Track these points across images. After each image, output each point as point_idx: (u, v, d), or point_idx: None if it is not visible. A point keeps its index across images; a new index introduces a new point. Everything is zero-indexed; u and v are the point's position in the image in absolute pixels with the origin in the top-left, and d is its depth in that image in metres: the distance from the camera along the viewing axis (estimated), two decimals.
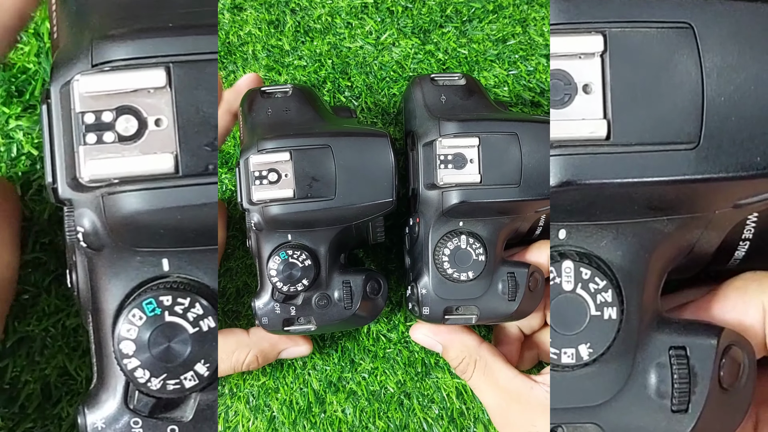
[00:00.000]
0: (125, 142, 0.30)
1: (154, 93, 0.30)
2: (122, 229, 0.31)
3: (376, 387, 0.49)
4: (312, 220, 0.39)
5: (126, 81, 0.30)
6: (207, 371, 0.32)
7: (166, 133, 0.30)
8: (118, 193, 0.30)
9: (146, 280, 0.33)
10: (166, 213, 0.30)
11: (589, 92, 0.30)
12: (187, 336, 0.31)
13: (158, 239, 0.31)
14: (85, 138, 0.30)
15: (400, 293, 0.49)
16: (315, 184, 0.38)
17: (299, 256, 0.39)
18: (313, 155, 0.38)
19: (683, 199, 0.31)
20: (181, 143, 0.30)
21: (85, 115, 0.30)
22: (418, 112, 0.42)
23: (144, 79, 0.30)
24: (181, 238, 0.31)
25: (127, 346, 0.31)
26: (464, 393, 0.49)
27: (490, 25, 0.51)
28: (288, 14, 0.52)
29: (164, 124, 0.30)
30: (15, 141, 0.49)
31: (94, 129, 0.30)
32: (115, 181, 0.30)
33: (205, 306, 0.32)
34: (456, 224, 0.41)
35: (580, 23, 0.30)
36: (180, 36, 0.30)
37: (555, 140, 0.30)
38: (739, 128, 0.30)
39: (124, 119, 0.30)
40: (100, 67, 0.30)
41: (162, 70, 0.30)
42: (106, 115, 0.30)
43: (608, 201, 0.31)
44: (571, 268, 0.32)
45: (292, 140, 0.38)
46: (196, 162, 0.30)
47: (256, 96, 0.42)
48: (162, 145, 0.30)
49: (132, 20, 0.31)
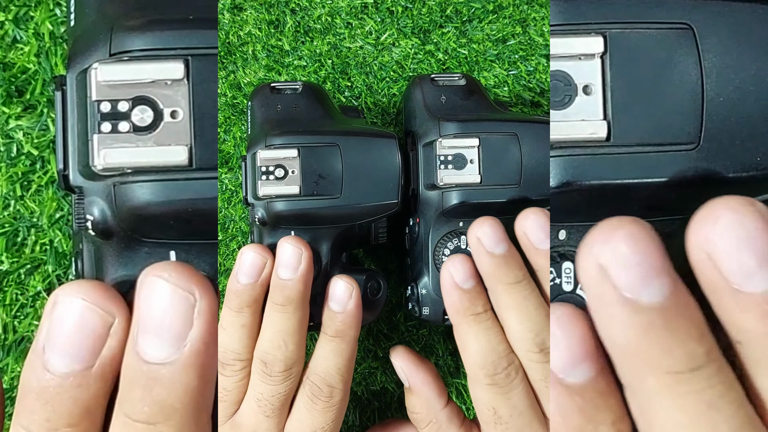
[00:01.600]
0: (140, 133, 0.30)
1: (172, 85, 0.30)
2: (132, 219, 0.31)
3: (376, 387, 0.49)
4: (316, 218, 0.39)
5: (144, 72, 0.30)
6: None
7: (181, 126, 0.30)
8: (130, 183, 0.30)
9: None
10: (178, 205, 0.30)
11: (589, 93, 0.30)
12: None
13: (167, 231, 0.31)
14: (100, 126, 0.30)
15: (400, 293, 0.49)
16: (321, 181, 0.38)
17: None
18: (320, 153, 0.38)
19: (683, 200, 0.31)
20: (196, 136, 0.30)
21: (101, 103, 0.30)
22: (418, 112, 0.42)
23: (162, 71, 0.30)
24: (190, 230, 0.31)
25: None
26: (464, 393, 0.49)
27: (490, 25, 0.51)
28: (288, 14, 0.52)
29: (180, 116, 0.30)
30: (15, 141, 0.49)
31: (109, 118, 0.30)
32: (128, 170, 0.30)
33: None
34: (456, 224, 0.41)
35: (580, 24, 0.30)
36: (200, 29, 0.30)
37: (555, 141, 0.30)
38: (740, 128, 0.30)
39: (140, 110, 0.30)
40: (119, 57, 0.30)
41: (180, 62, 0.30)
42: (122, 105, 0.30)
43: (608, 202, 0.31)
44: (570, 269, 0.32)
45: (300, 137, 0.38)
46: (211, 155, 0.30)
47: (265, 91, 0.42)
48: (177, 137, 0.30)
49: (152, 11, 0.31)
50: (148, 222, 0.31)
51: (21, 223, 0.48)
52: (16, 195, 0.48)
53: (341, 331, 0.38)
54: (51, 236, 0.48)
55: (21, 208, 0.48)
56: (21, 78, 0.50)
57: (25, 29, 0.50)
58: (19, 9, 0.51)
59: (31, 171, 0.49)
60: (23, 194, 0.49)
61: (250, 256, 0.37)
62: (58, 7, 0.50)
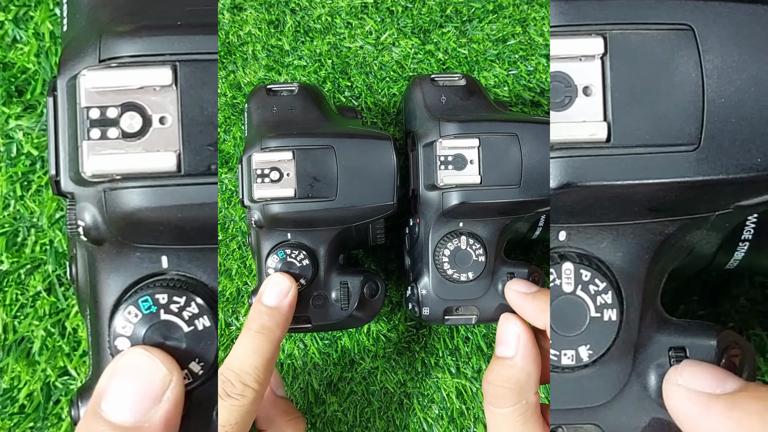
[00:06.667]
0: (129, 139, 0.30)
1: (160, 91, 0.30)
2: (122, 225, 0.31)
3: (376, 387, 0.49)
4: (312, 220, 0.39)
5: (132, 78, 0.30)
6: (201, 370, 0.32)
7: (170, 132, 0.30)
8: (120, 189, 0.30)
9: (145, 276, 0.33)
10: (167, 211, 0.30)
11: (589, 94, 0.30)
12: (182, 334, 0.32)
13: (158, 236, 0.31)
14: (89, 133, 0.30)
15: (400, 293, 0.49)
16: (316, 184, 0.38)
17: (297, 256, 0.39)
18: (315, 155, 0.38)
19: (683, 201, 0.31)
20: (185, 142, 0.30)
21: (90, 110, 0.30)
22: (418, 113, 0.42)
23: (150, 77, 0.30)
24: (181, 235, 0.31)
25: (123, 342, 0.31)
26: (464, 393, 0.49)
27: (490, 25, 0.51)
28: (288, 14, 0.52)
29: (168, 122, 0.30)
30: (15, 141, 0.49)
31: (98, 124, 0.30)
32: (117, 177, 0.30)
33: (201, 305, 0.32)
34: (456, 225, 0.41)
35: (580, 25, 0.30)
36: (187, 35, 0.30)
37: (555, 142, 0.30)
38: (740, 129, 0.30)
39: (129, 116, 0.30)
40: (107, 63, 0.30)
41: (168, 68, 0.30)
42: (111, 111, 0.30)
43: (608, 202, 0.31)
44: (571, 270, 0.32)
45: (295, 139, 0.38)
46: (199, 161, 0.30)
47: (262, 93, 0.42)
48: (165, 143, 0.30)
49: (141, 16, 0.31)
50: (138, 228, 0.31)
51: (21, 223, 0.48)
52: (16, 195, 0.48)
53: (267, 328, 0.36)
54: (51, 236, 0.48)
55: (21, 208, 0.48)
56: (21, 78, 0.50)
57: (25, 29, 0.50)
58: (19, 9, 0.51)
59: (31, 171, 0.49)
60: (23, 194, 0.49)
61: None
62: (58, 7, 0.50)
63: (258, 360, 0.35)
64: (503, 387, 0.36)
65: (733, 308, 0.48)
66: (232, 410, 0.34)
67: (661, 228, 0.33)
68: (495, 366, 0.36)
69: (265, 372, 0.35)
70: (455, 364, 0.49)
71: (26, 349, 0.47)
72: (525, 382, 0.35)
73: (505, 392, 0.35)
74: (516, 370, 0.36)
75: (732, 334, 0.33)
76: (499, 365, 0.36)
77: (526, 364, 0.36)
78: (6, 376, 0.47)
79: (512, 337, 0.37)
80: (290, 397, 0.48)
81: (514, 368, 0.36)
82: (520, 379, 0.35)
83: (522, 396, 0.35)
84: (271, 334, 0.36)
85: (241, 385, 0.34)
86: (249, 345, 0.36)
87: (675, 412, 0.30)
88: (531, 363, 0.36)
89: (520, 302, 0.38)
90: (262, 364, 0.35)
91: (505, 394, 0.35)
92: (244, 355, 0.35)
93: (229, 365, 0.35)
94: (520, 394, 0.35)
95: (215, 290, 0.33)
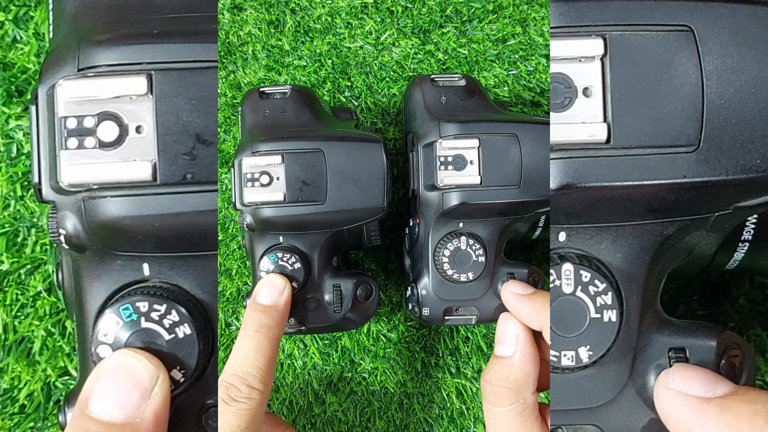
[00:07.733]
0: (106, 148, 0.30)
1: (136, 100, 0.30)
2: (102, 234, 0.31)
3: (376, 387, 0.49)
4: (302, 224, 0.39)
5: (108, 87, 0.30)
6: (183, 377, 0.32)
7: (146, 141, 0.30)
8: (98, 198, 0.30)
9: (127, 283, 0.33)
10: (144, 220, 0.30)
11: (589, 95, 0.30)
12: (163, 342, 0.32)
13: (138, 244, 0.32)
14: (67, 143, 0.30)
15: (400, 293, 0.49)
16: (306, 188, 0.38)
17: (289, 259, 0.39)
18: (305, 159, 0.38)
19: (683, 202, 0.31)
20: (160, 151, 0.30)
21: (68, 119, 0.30)
22: (418, 113, 0.42)
23: (125, 86, 0.30)
24: (161, 244, 0.31)
25: (104, 350, 0.31)
26: (464, 393, 0.49)
27: (490, 25, 0.51)
28: (288, 14, 0.52)
29: (145, 131, 0.30)
30: (15, 141, 0.49)
31: (75, 134, 0.30)
32: (94, 186, 0.30)
33: (182, 313, 0.32)
34: (456, 225, 0.41)
35: (580, 26, 0.30)
36: (163, 43, 0.30)
37: (555, 143, 0.30)
38: (740, 130, 0.30)
39: (106, 125, 0.30)
40: (85, 72, 0.30)
41: (143, 77, 0.30)
42: (87, 121, 0.30)
43: (608, 204, 0.31)
44: (571, 271, 0.32)
45: (285, 143, 0.38)
46: (174, 171, 0.30)
47: (254, 96, 0.42)
48: (142, 152, 0.30)
49: (120, 25, 0.31)
50: (118, 236, 0.31)
51: (21, 223, 0.48)
52: (16, 195, 0.48)
53: (266, 326, 0.36)
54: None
55: (21, 208, 0.48)
56: (21, 78, 0.50)
57: (25, 29, 0.50)
58: (19, 9, 0.51)
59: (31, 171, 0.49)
60: (23, 194, 0.49)
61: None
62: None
63: (261, 360, 0.35)
64: (501, 386, 0.36)
65: (733, 308, 0.48)
66: (240, 415, 0.34)
67: (660, 229, 0.33)
68: (493, 365, 0.37)
69: (268, 372, 0.35)
70: (455, 364, 0.49)
71: (26, 349, 0.48)
72: (523, 382, 0.36)
73: (503, 391, 0.36)
74: (514, 369, 0.36)
75: (732, 335, 0.34)
76: (498, 364, 0.36)
77: (524, 363, 0.36)
78: (6, 376, 0.47)
79: (511, 336, 0.37)
80: (290, 398, 0.48)
81: (512, 367, 0.36)
82: (519, 379, 0.36)
83: (520, 395, 0.35)
84: (270, 333, 0.36)
85: (246, 388, 0.34)
86: (249, 345, 0.36)
87: (666, 415, 0.30)
88: (529, 363, 0.36)
89: (516, 303, 0.38)
90: (265, 363, 0.35)
91: (504, 393, 0.36)
92: (245, 357, 0.35)
93: (231, 370, 0.35)
94: (518, 393, 0.36)
95: (198, 297, 0.33)
